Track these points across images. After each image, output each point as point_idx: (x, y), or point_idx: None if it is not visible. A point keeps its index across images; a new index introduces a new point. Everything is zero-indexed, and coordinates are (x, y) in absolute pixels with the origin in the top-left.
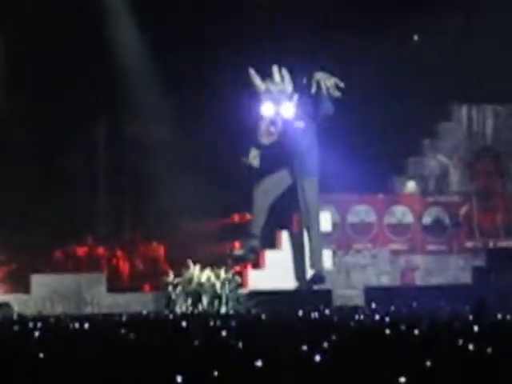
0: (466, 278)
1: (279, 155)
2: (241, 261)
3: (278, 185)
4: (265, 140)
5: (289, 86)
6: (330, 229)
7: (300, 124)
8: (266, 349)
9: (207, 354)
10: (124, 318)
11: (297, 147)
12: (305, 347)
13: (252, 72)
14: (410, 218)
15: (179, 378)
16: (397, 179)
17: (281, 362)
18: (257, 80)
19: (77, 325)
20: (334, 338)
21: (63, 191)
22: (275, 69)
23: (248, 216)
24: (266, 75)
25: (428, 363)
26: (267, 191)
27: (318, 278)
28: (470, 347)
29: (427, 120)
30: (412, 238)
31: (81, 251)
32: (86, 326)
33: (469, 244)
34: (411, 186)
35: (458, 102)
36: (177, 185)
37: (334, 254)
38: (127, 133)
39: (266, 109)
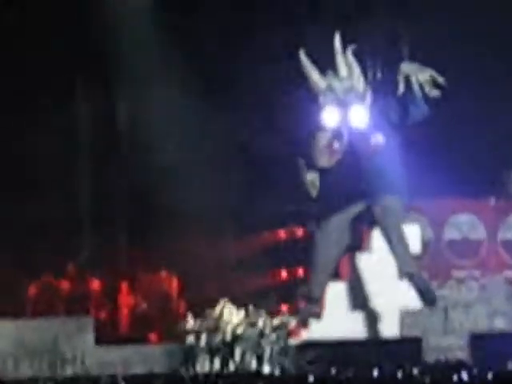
0: None
1: (346, 181)
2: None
3: (344, 231)
4: (324, 161)
5: (360, 82)
6: (418, 249)
7: (379, 138)
8: None
9: None
10: (120, 383)
11: (373, 170)
12: None
13: (304, 58)
14: None
15: None
16: None
17: None
18: (313, 73)
19: None
20: None
21: (28, 197)
22: (340, 55)
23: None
24: (325, 66)
25: None
26: (331, 244)
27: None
28: None
29: None
30: None
31: (60, 286)
32: None
33: None
34: None
35: None
36: (196, 186)
37: None
38: (121, 111)
39: (329, 115)
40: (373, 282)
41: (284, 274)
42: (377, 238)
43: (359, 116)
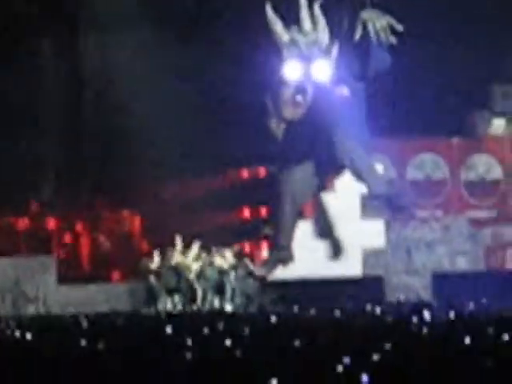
0: None
1: (309, 133)
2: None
3: (310, 179)
4: (289, 114)
5: (324, 35)
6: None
7: (343, 90)
8: (285, 366)
9: (203, 370)
10: (83, 322)
11: (338, 123)
12: (346, 362)
13: (270, 12)
14: (498, 173)
15: None
16: (478, 116)
17: None
18: (278, 26)
19: (17, 333)
20: (387, 348)
21: None
22: (304, 8)
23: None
24: (290, 20)
25: None
26: (297, 193)
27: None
28: None
29: None
30: (502, 200)
31: (21, 224)
32: (28, 334)
33: None
34: (500, 125)
35: None
36: (160, 130)
37: (388, 225)
38: (87, 49)
39: (291, 70)
40: (336, 221)
41: (247, 212)
42: (341, 178)
43: (323, 70)
